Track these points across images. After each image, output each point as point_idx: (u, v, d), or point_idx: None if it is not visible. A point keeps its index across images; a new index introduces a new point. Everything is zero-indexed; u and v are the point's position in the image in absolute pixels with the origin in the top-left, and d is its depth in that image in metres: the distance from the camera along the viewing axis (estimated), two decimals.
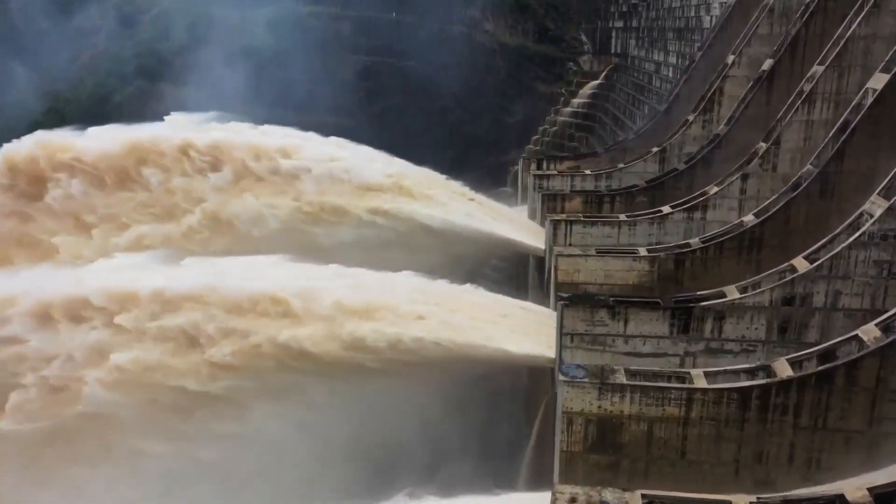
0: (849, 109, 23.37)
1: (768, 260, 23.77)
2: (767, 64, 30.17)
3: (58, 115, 75.24)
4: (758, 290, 19.79)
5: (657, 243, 27.75)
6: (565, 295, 20.98)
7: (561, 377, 16.63)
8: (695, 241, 24.70)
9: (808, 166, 23.75)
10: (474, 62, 72.68)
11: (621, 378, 16.61)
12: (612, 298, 20.68)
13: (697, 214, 27.77)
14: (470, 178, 68.60)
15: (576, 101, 65.29)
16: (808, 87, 26.49)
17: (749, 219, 24.38)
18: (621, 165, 35.87)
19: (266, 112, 67.47)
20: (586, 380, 16.51)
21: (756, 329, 19.77)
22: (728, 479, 16.43)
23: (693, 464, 16.46)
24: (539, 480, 21.70)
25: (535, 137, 66.71)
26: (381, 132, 71.26)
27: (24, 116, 71.94)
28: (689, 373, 16.79)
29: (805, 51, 29.07)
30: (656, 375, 16.86)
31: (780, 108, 28.40)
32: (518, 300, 25.80)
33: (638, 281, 24.48)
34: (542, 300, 28.39)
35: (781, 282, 19.54)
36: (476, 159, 69.04)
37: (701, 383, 16.37)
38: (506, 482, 23.16)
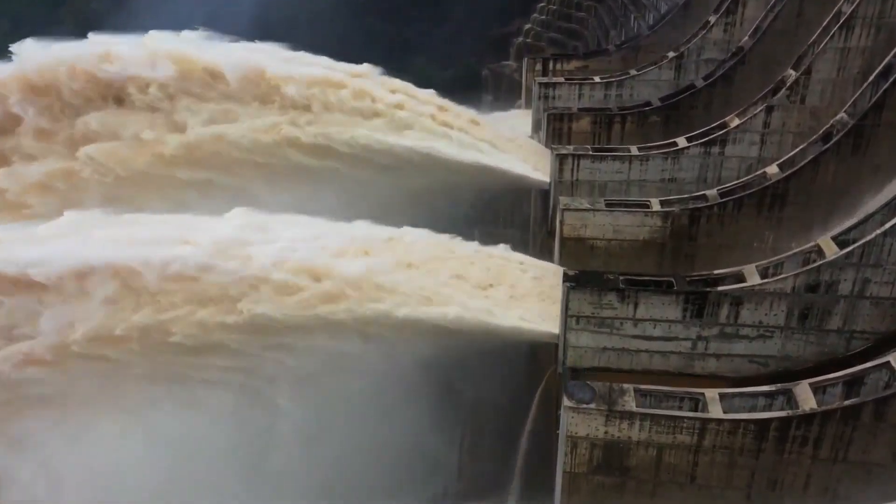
0: (893, 52, 20.82)
1: (791, 218, 22.11)
2: None
3: None
4: (780, 276, 18.23)
5: (670, 179, 25.96)
6: (571, 274, 19.45)
7: (566, 402, 15.50)
8: (712, 195, 22.81)
9: (843, 115, 21.47)
10: None
11: (630, 402, 15.47)
12: (622, 277, 19.20)
13: (715, 149, 25.63)
14: (472, 51, 65.27)
15: None
16: (847, 10, 23.68)
17: (773, 171, 22.38)
18: (633, 72, 33.06)
19: None
20: (593, 405, 15.39)
21: (775, 315, 18.39)
22: (738, 503, 15.71)
23: (703, 488, 15.65)
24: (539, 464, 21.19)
25: (540, 5, 62.15)
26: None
27: None
28: (703, 394, 15.60)
29: None
30: (668, 396, 15.70)
31: (814, 21, 25.63)
32: (519, 254, 23.88)
33: (649, 237, 22.86)
34: (545, 243, 26.92)
35: (807, 268, 17.92)
36: (478, 31, 64.88)
37: (716, 410, 15.22)
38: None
